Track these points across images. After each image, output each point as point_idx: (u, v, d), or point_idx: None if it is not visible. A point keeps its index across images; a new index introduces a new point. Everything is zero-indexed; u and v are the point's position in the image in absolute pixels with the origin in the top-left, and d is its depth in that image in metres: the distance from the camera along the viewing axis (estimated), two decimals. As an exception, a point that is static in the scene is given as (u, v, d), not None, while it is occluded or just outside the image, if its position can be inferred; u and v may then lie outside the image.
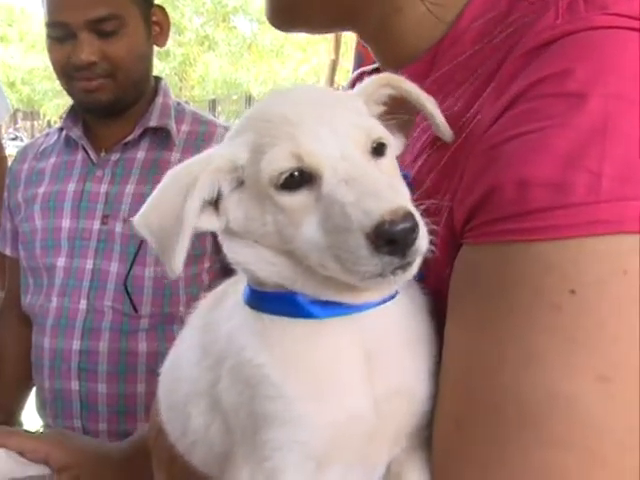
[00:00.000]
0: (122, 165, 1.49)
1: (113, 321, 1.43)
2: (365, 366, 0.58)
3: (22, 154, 1.66)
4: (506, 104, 0.56)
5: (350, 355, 0.58)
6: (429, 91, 0.62)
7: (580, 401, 0.50)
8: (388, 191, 0.53)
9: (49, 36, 1.48)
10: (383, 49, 0.74)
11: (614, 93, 0.52)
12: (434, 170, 0.64)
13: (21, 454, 1.01)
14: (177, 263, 0.55)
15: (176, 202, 0.55)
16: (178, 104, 1.58)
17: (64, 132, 1.59)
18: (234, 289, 0.64)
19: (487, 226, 0.54)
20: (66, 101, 1.62)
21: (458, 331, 0.57)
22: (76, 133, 1.55)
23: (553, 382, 0.51)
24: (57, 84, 1.57)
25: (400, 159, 0.63)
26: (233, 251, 0.59)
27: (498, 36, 0.61)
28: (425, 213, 0.54)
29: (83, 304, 1.45)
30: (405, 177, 0.61)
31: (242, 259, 0.59)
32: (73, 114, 1.58)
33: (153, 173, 1.46)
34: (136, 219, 0.57)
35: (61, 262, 1.49)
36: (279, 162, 0.54)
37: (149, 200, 0.57)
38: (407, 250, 0.51)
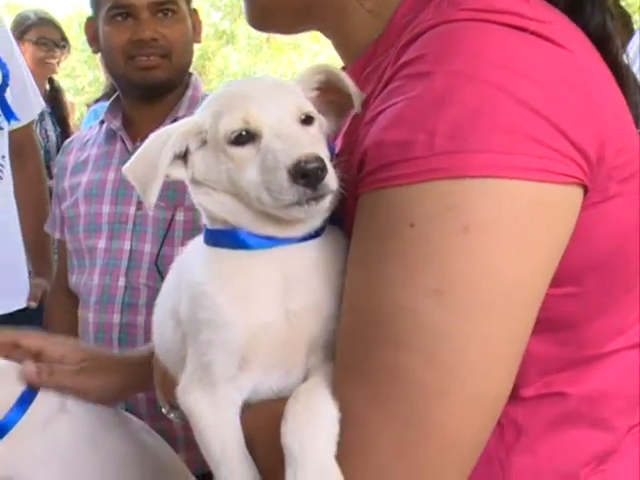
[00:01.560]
0: None
1: (148, 297, 1.57)
2: (282, 287, 0.75)
3: (68, 146, 1.84)
4: (383, 85, 0.70)
5: (271, 278, 0.75)
6: (363, 81, 0.78)
7: (419, 311, 0.64)
8: (307, 143, 0.72)
9: (109, 21, 1.65)
10: (339, 46, 0.89)
11: (455, 70, 0.64)
12: (343, 140, 0.81)
13: (38, 354, 1.12)
14: (151, 200, 0.75)
15: (154, 154, 0.76)
16: (207, 97, 1.71)
17: (105, 125, 1.74)
18: (199, 238, 0.83)
19: (362, 180, 0.69)
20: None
21: (349, 262, 0.71)
22: (115, 125, 1.70)
23: (399, 297, 0.64)
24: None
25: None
26: (197, 196, 0.79)
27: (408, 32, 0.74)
28: (344, 170, 0.72)
29: (122, 282, 1.60)
30: (330, 145, 0.80)
31: (202, 202, 0.78)
32: (113, 107, 1.75)
33: None
34: (124, 167, 0.78)
35: (102, 244, 1.65)
36: (232, 124, 0.74)
37: (135, 154, 0.78)
38: (317, 184, 0.70)
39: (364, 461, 0.66)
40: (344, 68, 0.87)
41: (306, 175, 0.69)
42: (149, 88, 1.68)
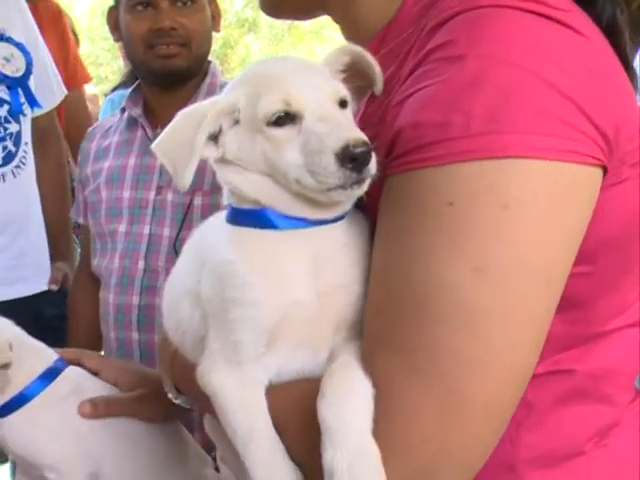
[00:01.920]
0: None
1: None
2: (312, 267, 0.76)
3: (91, 134, 1.88)
4: (413, 68, 0.72)
5: (301, 258, 0.76)
6: (380, 60, 0.79)
7: (458, 286, 0.66)
8: (351, 127, 0.74)
9: (130, 10, 1.70)
10: (348, 30, 0.90)
11: (486, 54, 0.67)
12: (361, 124, 0.80)
13: (96, 374, 1.19)
14: (187, 180, 0.75)
15: (189, 133, 0.75)
16: (225, 84, 1.74)
17: (126, 112, 1.77)
18: (220, 215, 0.84)
19: (395, 160, 0.70)
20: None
21: (379, 240, 0.73)
22: (136, 112, 1.74)
23: (439, 273, 0.66)
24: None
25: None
26: (226, 175, 0.79)
27: (426, 17, 0.76)
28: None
29: (141, 265, 1.64)
30: None
31: (233, 181, 0.78)
32: (134, 95, 1.79)
33: None
34: (154, 145, 0.77)
35: (122, 228, 1.69)
36: (272, 105, 0.74)
37: (165, 131, 0.77)
38: (363, 168, 0.70)
39: (403, 434, 0.68)
40: None
41: (354, 159, 0.70)
42: (168, 76, 1.71)
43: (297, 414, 0.74)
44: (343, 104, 0.77)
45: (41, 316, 1.21)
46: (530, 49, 0.67)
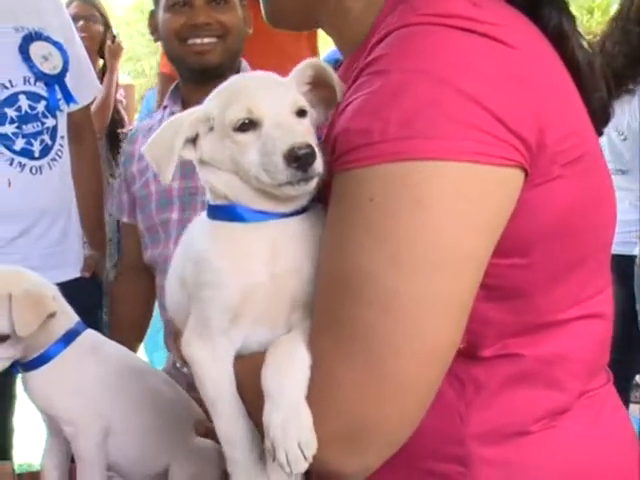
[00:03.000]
0: None
1: None
2: (271, 254, 0.86)
3: (133, 136, 1.99)
4: (354, 79, 0.81)
5: (262, 246, 0.86)
6: (350, 77, 0.85)
7: (378, 273, 0.74)
8: (300, 133, 0.84)
9: (168, 9, 1.82)
10: (337, 43, 0.98)
11: (410, 68, 0.75)
12: (328, 127, 0.90)
13: None
14: (167, 176, 0.88)
15: (169, 138, 0.89)
16: None
17: (167, 110, 1.88)
18: (203, 213, 0.95)
19: (335, 162, 0.79)
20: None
21: (324, 233, 0.82)
22: (176, 109, 1.85)
23: (361, 261, 0.75)
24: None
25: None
26: (203, 174, 0.91)
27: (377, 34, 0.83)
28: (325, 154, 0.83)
29: None
30: (319, 135, 0.90)
31: (208, 179, 0.91)
32: (174, 93, 1.90)
33: None
34: (144, 148, 0.91)
35: (175, 216, 1.81)
36: (237, 113, 0.85)
37: (152, 136, 0.90)
38: (308, 168, 0.81)
39: (329, 401, 0.77)
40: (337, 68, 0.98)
41: (298, 159, 0.81)
42: (203, 71, 1.80)
43: (252, 380, 0.83)
44: (301, 113, 0.87)
45: (73, 303, 1.29)
46: (451, 62, 0.74)
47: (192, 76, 1.84)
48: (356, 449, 0.77)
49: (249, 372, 0.85)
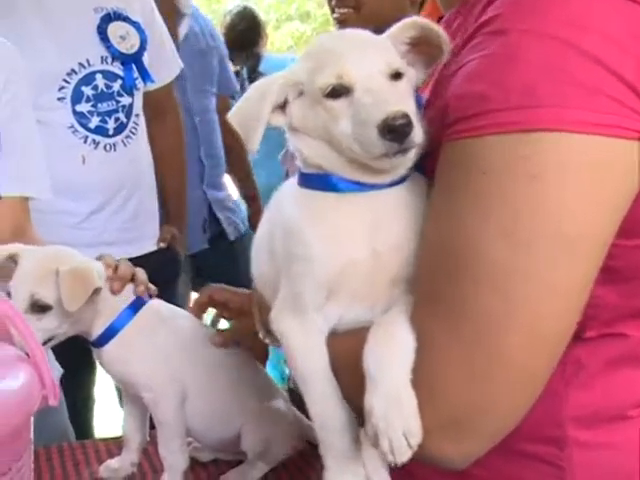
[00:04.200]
0: None
1: None
2: (369, 228, 0.81)
3: None
4: (466, 40, 0.76)
5: (359, 219, 0.82)
6: (453, 33, 0.82)
7: (490, 249, 0.70)
8: (395, 100, 0.78)
9: None
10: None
11: (527, 28, 0.69)
12: (432, 90, 0.85)
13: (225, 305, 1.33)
14: (254, 145, 0.82)
15: (256, 103, 0.84)
16: None
17: None
18: (293, 180, 0.90)
19: (446, 129, 0.74)
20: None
21: (430, 205, 0.78)
22: None
23: (472, 236, 0.71)
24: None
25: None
26: (294, 141, 0.86)
27: None
28: (430, 120, 0.79)
29: None
30: (418, 98, 0.85)
31: (299, 147, 0.86)
32: None
33: None
34: (229, 115, 0.85)
35: None
36: (327, 78, 0.80)
37: (238, 102, 0.86)
38: (403, 139, 0.75)
39: (437, 385, 0.73)
40: (441, 18, 0.93)
41: (393, 130, 0.75)
42: None
43: (351, 359, 0.79)
44: (397, 76, 0.81)
45: (150, 276, 1.32)
46: (571, 21, 0.68)
47: None
48: (462, 436, 0.74)
49: (346, 351, 0.82)
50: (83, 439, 1.69)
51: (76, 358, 1.34)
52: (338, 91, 0.80)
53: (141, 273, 1.29)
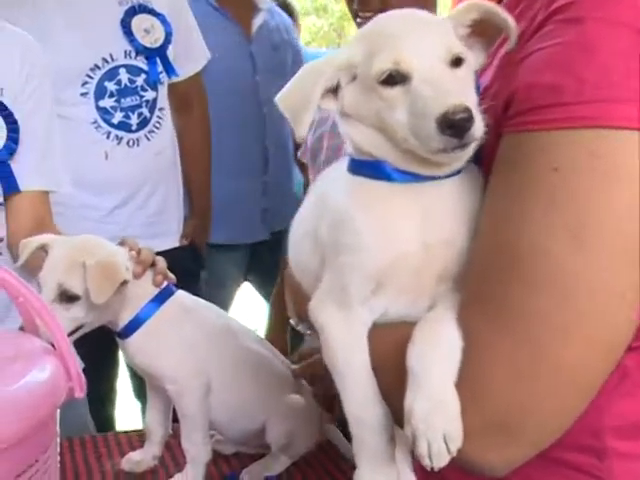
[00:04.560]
0: None
1: None
2: (421, 220, 0.78)
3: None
4: (537, 27, 0.72)
5: (411, 211, 0.78)
6: (517, 17, 0.77)
7: (555, 252, 0.67)
8: (456, 91, 0.73)
9: None
10: None
11: (605, 18, 0.66)
12: (494, 76, 0.80)
13: None
14: (303, 130, 0.78)
15: (307, 86, 0.79)
16: None
17: None
18: (340, 165, 0.87)
19: (509, 119, 0.71)
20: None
21: (487, 197, 0.75)
22: None
23: (535, 237, 0.67)
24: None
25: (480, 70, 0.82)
26: (345, 127, 0.82)
27: None
28: (486, 109, 0.74)
29: None
30: (476, 83, 0.80)
31: (350, 133, 0.82)
32: None
33: None
34: (277, 97, 0.81)
35: None
36: (383, 64, 0.75)
37: (288, 84, 0.81)
38: (464, 134, 0.71)
39: (484, 388, 0.70)
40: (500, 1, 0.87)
41: (453, 126, 0.70)
42: None
43: (392, 356, 0.76)
44: (457, 62, 0.76)
45: (174, 271, 1.33)
46: None
47: None
48: (506, 441, 0.71)
49: (387, 346, 0.79)
50: (105, 432, 1.70)
51: (100, 351, 1.34)
52: (394, 78, 0.75)
53: (161, 261, 1.30)
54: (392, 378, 0.76)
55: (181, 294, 1.32)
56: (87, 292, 1.15)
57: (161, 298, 1.28)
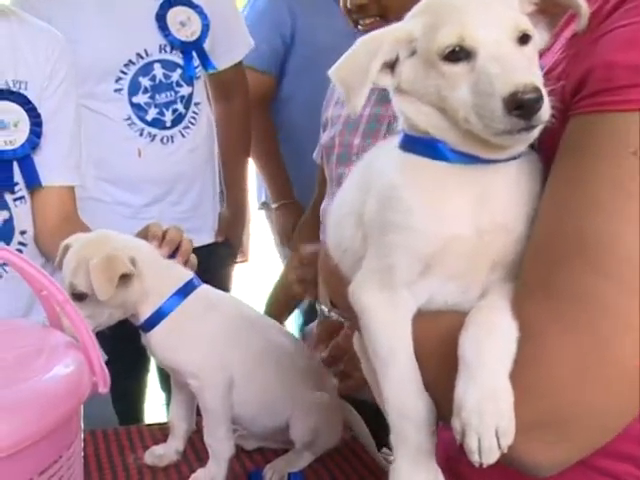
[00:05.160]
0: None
1: None
2: (476, 204, 0.74)
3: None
4: (616, 4, 0.68)
5: (466, 193, 0.74)
6: None
7: (626, 241, 0.63)
8: (525, 70, 0.69)
9: None
10: None
11: None
12: (559, 58, 0.76)
13: None
14: (358, 105, 0.75)
15: (364, 59, 0.75)
16: None
17: None
18: (391, 141, 0.83)
19: (582, 100, 0.67)
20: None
21: (551, 181, 0.71)
22: None
23: (607, 224, 0.64)
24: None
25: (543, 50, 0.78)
26: (400, 104, 0.78)
27: None
28: (550, 92, 0.69)
29: None
30: (541, 65, 0.76)
31: (405, 110, 0.78)
32: None
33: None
34: (331, 71, 0.77)
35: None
36: (446, 39, 0.71)
37: (343, 57, 0.77)
38: (532, 116, 0.67)
39: (540, 381, 0.66)
40: None
41: (522, 106, 0.66)
42: None
43: (438, 344, 0.73)
44: (524, 39, 0.72)
45: (208, 267, 1.32)
46: None
47: None
48: (557, 439, 0.67)
49: (434, 335, 0.76)
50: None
51: (126, 344, 1.32)
52: (458, 54, 0.71)
53: (186, 242, 1.28)
54: (438, 368, 0.73)
55: (205, 288, 1.30)
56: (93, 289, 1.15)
57: (184, 291, 1.25)
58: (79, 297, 1.17)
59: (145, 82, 2.01)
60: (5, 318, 1.45)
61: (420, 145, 0.77)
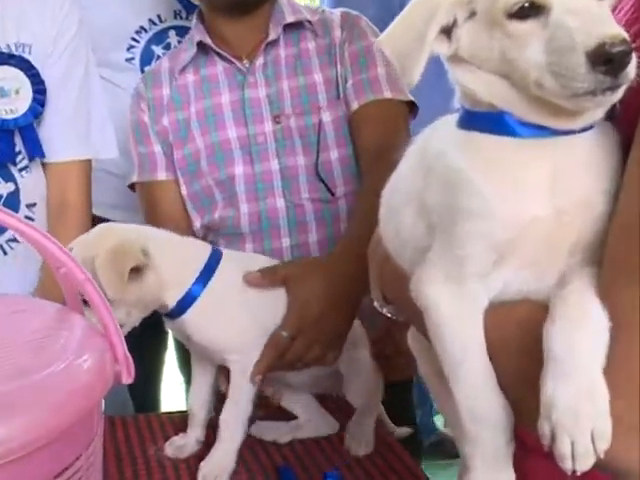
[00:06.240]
0: (270, 66, 1.55)
1: (315, 211, 1.51)
2: (552, 181, 0.67)
3: (152, 80, 1.62)
4: None
5: (541, 171, 0.67)
6: None
7: None
8: (610, 22, 0.62)
9: None
10: None
11: None
12: (632, 15, 0.69)
13: None
14: (415, 76, 0.69)
15: (419, 26, 0.68)
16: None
17: (194, 48, 1.55)
18: (448, 119, 0.76)
19: None
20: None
21: (636, 155, 0.64)
22: (208, 41, 1.54)
23: None
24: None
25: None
26: (458, 74, 0.72)
27: None
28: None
29: (281, 202, 1.51)
30: None
31: (464, 81, 0.71)
32: (200, 27, 1.58)
33: (299, 65, 1.54)
34: (381, 39, 0.71)
35: (239, 170, 1.52)
36: None
37: (393, 24, 0.71)
38: (620, 72, 0.60)
39: (630, 377, 0.60)
40: None
41: (609, 61, 0.60)
42: (241, 5, 1.50)
43: (517, 338, 0.68)
44: None
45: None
46: None
47: (224, 5, 1.52)
48: None
49: (509, 327, 0.69)
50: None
51: (145, 328, 1.23)
52: (527, 10, 0.64)
53: None
54: (517, 366, 0.68)
55: (229, 255, 1.25)
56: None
57: (209, 270, 1.19)
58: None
59: (159, 51, 1.89)
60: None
61: (483, 120, 0.70)
